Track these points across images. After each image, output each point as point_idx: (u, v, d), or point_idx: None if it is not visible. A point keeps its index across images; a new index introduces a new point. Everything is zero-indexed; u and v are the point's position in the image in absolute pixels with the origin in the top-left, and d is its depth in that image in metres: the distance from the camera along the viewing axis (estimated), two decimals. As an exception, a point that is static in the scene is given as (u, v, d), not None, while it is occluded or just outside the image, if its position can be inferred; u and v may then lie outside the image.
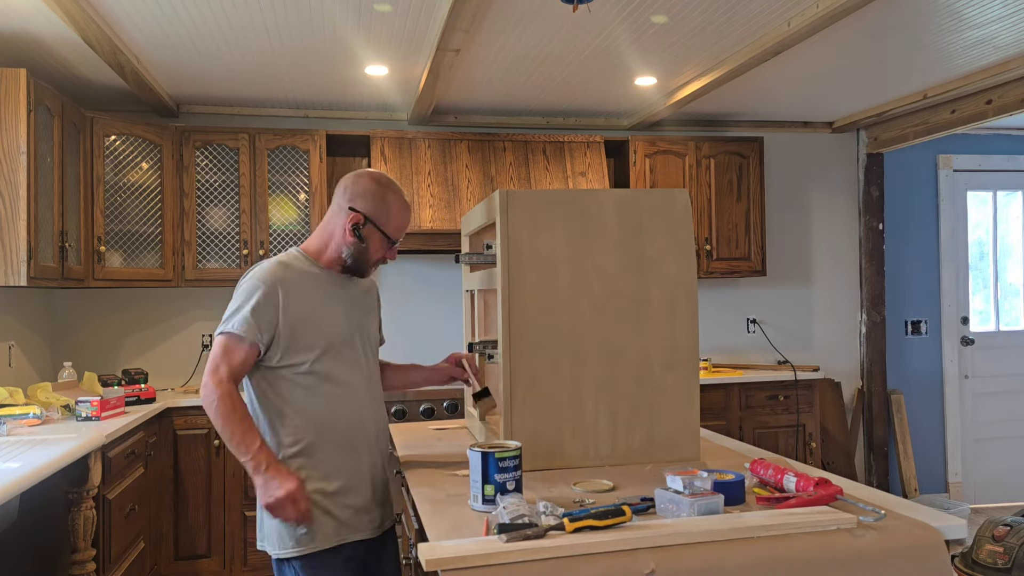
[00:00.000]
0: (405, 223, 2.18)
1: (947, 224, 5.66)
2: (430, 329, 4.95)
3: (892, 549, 1.50)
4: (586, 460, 2.13)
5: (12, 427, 3.08)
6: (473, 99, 4.61)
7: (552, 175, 4.72)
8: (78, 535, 2.88)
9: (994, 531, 3.36)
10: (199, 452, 4.09)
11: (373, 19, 3.29)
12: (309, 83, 4.27)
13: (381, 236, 2.13)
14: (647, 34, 3.51)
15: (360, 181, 2.15)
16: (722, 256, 4.96)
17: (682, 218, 2.21)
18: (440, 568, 1.36)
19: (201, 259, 4.39)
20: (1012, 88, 4.29)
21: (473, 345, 2.51)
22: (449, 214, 4.49)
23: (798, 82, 4.39)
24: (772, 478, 1.81)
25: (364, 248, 2.12)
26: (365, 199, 2.12)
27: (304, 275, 2.11)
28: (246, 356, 2.00)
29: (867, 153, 5.46)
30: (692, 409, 2.19)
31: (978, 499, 5.60)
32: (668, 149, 4.94)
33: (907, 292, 5.60)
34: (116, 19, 3.25)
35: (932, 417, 5.61)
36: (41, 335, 4.32)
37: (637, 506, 1.64)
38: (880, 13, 3.28)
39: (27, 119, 3.34)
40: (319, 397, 2.06)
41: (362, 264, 2.15)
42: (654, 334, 2.17)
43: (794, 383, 4.78)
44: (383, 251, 2.16)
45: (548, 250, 2.13)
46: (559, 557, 1.40)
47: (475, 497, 1.74)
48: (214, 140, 4.41)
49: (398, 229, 2.16)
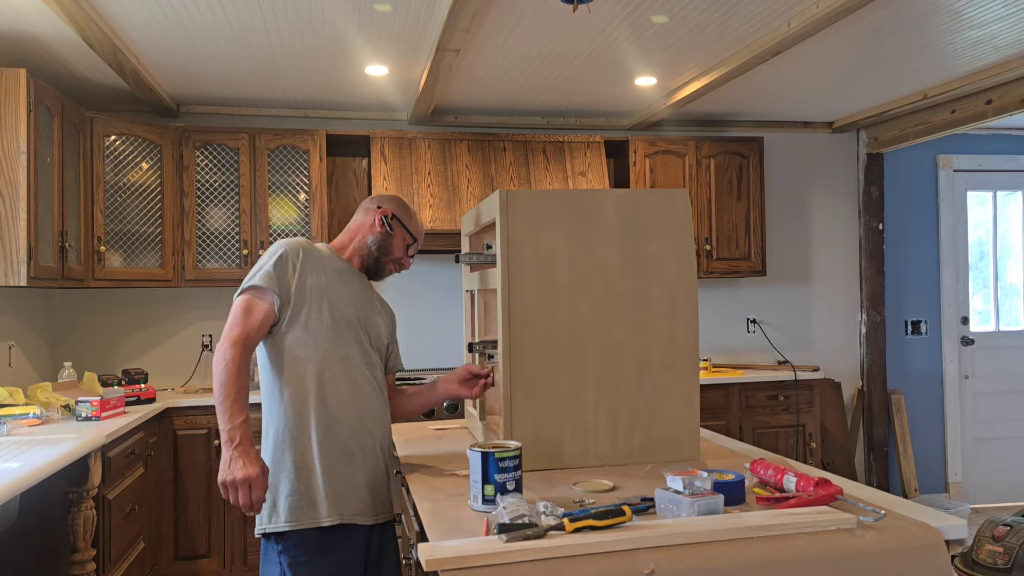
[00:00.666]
0: (422, 233, 2.41)
1: (947, 224, 5.66)
2: (430, 329, 4.96)
3: (892, 549, 1.50)
4: (586, 460, 2.13)
5: (12, 427, 3.08)
6: (473, 99, 4.61)
7: (552, 175, 4.72)
8: (78, 535, 2.88)
9: (994, 531, 3.36)
10: (199, 452, 4.09)
11: (373, 19, 3.29)
12: (309, 83, 4.27)
13: (404, 232, 2.33)
14: (647, 34, 3.51)
15: (389, 197, 2.41)
16: (722, 256, 4.96)
17: (682, 218, 2.21)
18: (440, 568, 1.36)
19: (201, 259, 4.39)
20: (1012, 88, 4.29)
21: (473, 345, 2.51)
22: (449, 214, 4.49)
23: (798, 82, 4.39)
24: (772, 478, 1.81)
25: (390, 238, 2.30)
26: (391, 203, 2.36)
27: (325, 257, 2.25)
28: (265, 314, 2.09)
29: (867, 153, 5.46)
30: (692, 409, 2.19)
31: (978, 499, 5.60)
32: (668, 149, 4.94)
33: (907, 292, 5.60)
34: (116, 19, 3.25)
35: (932, 417, 5.61)
36: (41, 335, 4.33)
37: (637, 506, 1.64)
38: (880, 13, 3.28)
39: (27, 119, 3.34)
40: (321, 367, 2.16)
41: (382, 257, 2.30)
42: (654, 334, 2.17)
43: (794, 383, 4.78)
44: (403, 249, 2.34)
45: (548, 250, 2.13)
46: (559, 557, 1.40)
47: (475, 497, 1.74)
48: (214, 140, 4.41)
49: (417, 231, 2.38)
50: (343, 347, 2.17)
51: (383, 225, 2.30)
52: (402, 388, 2.49)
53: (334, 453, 2.12)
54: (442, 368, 4.91)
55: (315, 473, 2.09)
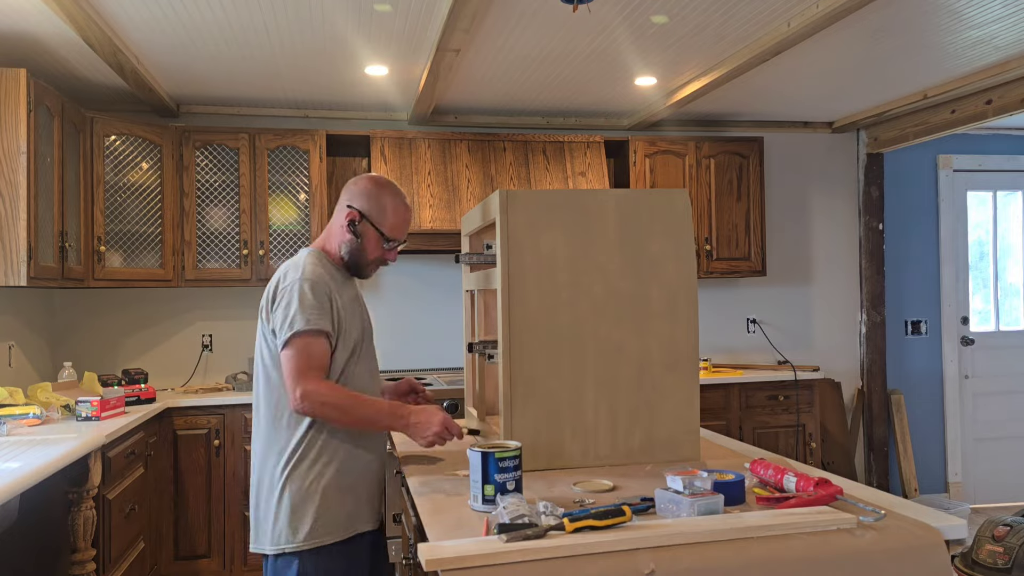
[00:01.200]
0: (403, 224, 2.23)
1: (947, 224, 5.66)
2: (430, 329, 4.96)
3: (892, 549, 1.50)
4: (586, 460, 2.13)
5: (12, 427, 3.08)
6: (473, 99, 4.61)
7: (552, 175, 4.72)
8: (78, 535, 2.88)
9: (994, 531, 3.36)
10: (199, 452, 4.09)
11: (373, 19, 3.29)
12: (309, 83, 4.27)
13: (377, 234, 2.19)
14: (647, 34, 3.51)
15: (359, 182, 2.23)
16: (722, 256, 4.96)
17: (682, 218, 2.21)
18: (440, 568, 1.36)
19: (201, 259, 4.39)
20: (1012, 88, 4.29)
21: (473, 345, 2.51)
22: (449, 214, 4.49)
23: (798, 82, 4.39)
24: (772, 478, 1.81)
25: (360, 245, 2.18)
26: (361, 198, 2.19)
27: (333, 274, 2.18)
28: (325, 348, 2.04)
29: (867, 153, 5.46)
30: (692, 409, 2.19)
31: (978, 499, 5.60)
32: (668, 149, 4.94)
33: (907, 292, 5.60)
34: (116, 19, 3.25)
35: (932, 417, 5.61)
36: (41, 335, 4.33)
37: (637, 506, 1.64)
38: (880, 13, 3.28)
39: (27, 119, 3.34)
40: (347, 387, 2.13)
41: (359, 262, 2.21)
42: (654, 334, 2.17)
43: (794, 383, 4.78)
44: (380, 250, 2.21)
45: (548, 250, 2.13)
46: (559, 557, 1.39)
47: (475, 497, 1.74)
48: (214, 140, 4.41)
49: (395, 228, 2.21)
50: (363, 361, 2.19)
51: (351, 231, 2.18)
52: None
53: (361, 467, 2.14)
54: (442, 368, 4.92)
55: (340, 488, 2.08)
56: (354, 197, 2.20)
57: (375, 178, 2.24)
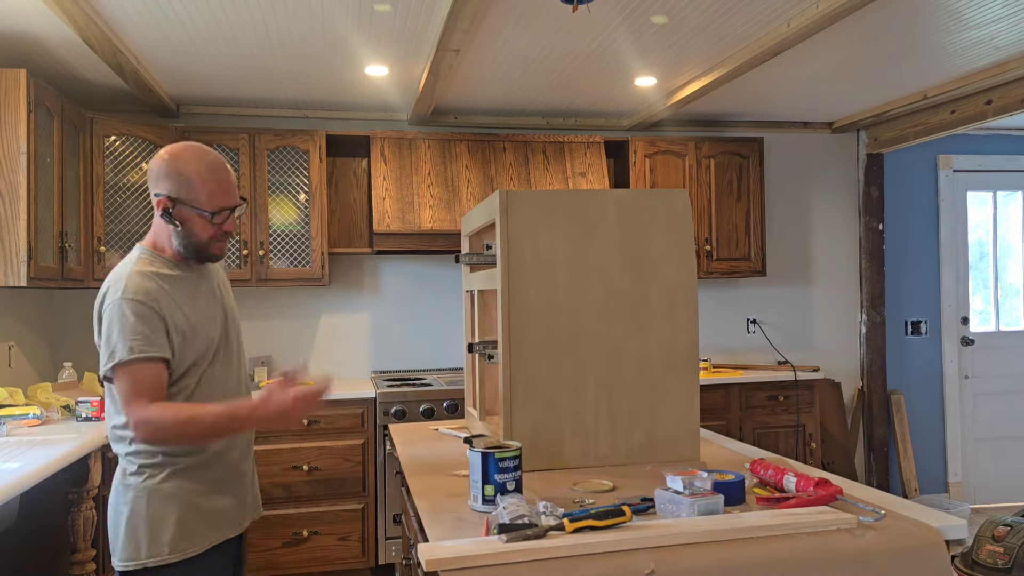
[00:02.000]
0: (220, 187, 1.91)
1: (947, 224, 5.66)
2: (430, 330, 4.95)
3: (892, 549, 1.50)
4: (586, 460, 2.13)
5: (12, 427, 3.08)
6: (473, 99, 4.61)
7: (552, 175, 4.72)
8: (78, 535, 2.88)
9: (994, 531, 3.37)
10: (199, 452, 4.09)
11: (373, 19, 3.29)
12: (309, 83, 4.27)
13: (196, 214, 1.89)
14: (647, 34, 3.51)
15: (154, 164, 1.91)
16: (722, 256, 4.96)
17: (682, 218, 2.21)
18: (440, 568, 1.36)
19: (201, 259, 4.38)
20: (1012, 88, 4.29)
21: (473, 345, 2.51)
22: (449, 214, 4.49)
23: (798, 82, 4.39)
24: (772, 478, 1.81)
25: (186, 231, 1.90)
26: (163, 180, 1.89)
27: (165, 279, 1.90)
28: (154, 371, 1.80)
29: (867, 153, 5.46)
30: (692, 409, 2.19)
31: (978, 499, 5.60)
32: (668, 149, 4.94)
33: (907, 292, 5.60)
34: (116, 20, 3.25)
35: (932, 417, 5.61)
36: (41, 335, 4.32)
37: (637, 506, 1.64)
38: (880, 13, 3.28)
39: (27, 120, 3.34)
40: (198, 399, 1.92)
41: (195, 248, 1.93)
42: (654, 334, 2.17)
43: (794, 383, 4.78)
44: (211, 228, 1.91)
45: (548, 250, 2.13)
46: (559, 557, 1.40)
47: (475, 497, 1.74)
48: (214, 140, 4.41)
49: (213, 197, 1.89)
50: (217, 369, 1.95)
51: (167, 220, 1.89)
52: None
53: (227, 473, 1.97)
54: (442, 368, 4.91)
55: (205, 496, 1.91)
56: (156, 181, 1.89)
57: (169, 150, 1.92)
